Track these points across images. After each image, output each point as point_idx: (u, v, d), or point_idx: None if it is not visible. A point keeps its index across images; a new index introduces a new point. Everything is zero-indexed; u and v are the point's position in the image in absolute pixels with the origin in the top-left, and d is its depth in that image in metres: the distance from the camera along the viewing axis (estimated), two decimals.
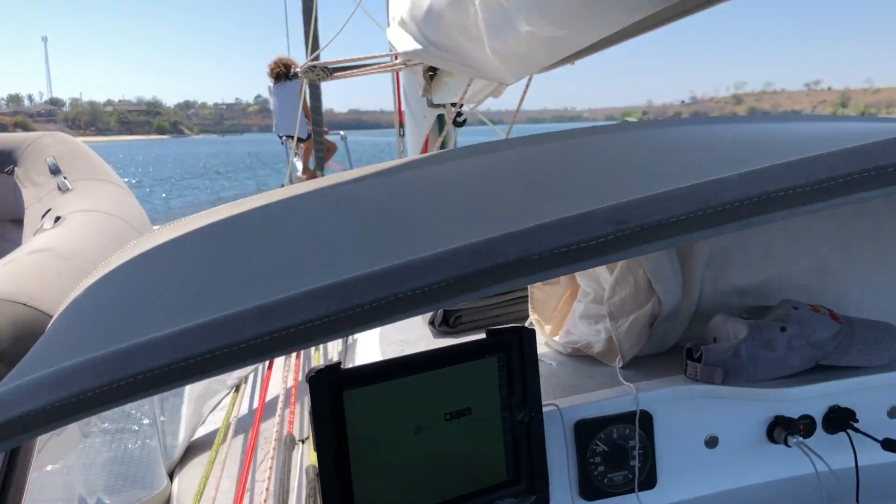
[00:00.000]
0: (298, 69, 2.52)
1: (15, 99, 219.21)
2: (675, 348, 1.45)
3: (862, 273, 1.49)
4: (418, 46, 1.90)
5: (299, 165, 7.28)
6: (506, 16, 1.39)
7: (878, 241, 1.49)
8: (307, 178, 6.60)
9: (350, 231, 0.68)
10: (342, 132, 7.60)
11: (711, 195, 0.44)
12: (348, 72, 2.35)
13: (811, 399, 1.27)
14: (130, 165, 37.60)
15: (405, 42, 2.01)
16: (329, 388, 0.96)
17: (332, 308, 0.42)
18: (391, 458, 1.03)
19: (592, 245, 0.43)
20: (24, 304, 2.21)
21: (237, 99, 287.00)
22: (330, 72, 2.28)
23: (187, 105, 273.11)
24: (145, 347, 0.41)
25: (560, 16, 1.25)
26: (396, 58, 2.47)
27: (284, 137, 7.32)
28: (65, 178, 3.78)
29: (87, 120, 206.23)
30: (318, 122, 5.75)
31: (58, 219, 3.03)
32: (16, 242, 4.31)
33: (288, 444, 1.50)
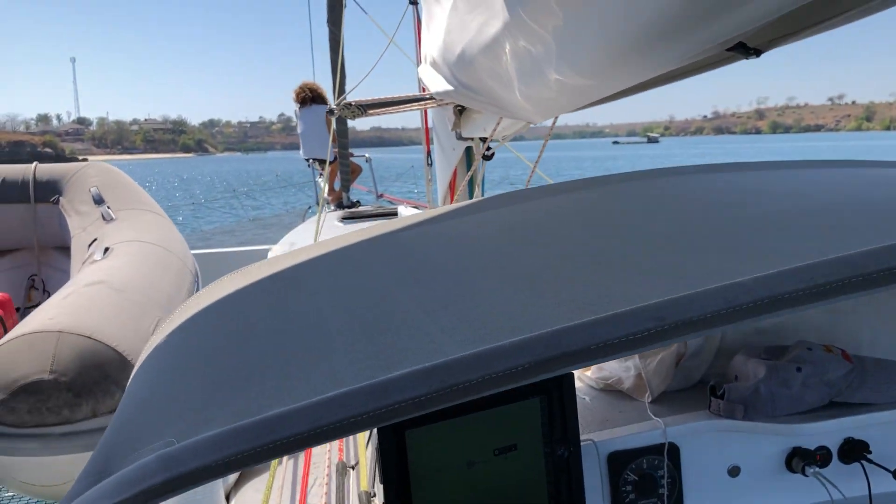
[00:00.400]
0: (334, 106, 2.62)
1: (44, 118, 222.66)
2: (699, 384, 1.54)
3: (873, 315, 1.57)
4: (450, 87, 1.98)
5: (325, 187, 7.38)
6: (535, 65, 1.46)
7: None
8: (332, 200, 6.72)
9: (417, 293, 0.76)
10: (367, 154, 7.71)
11: (731, 297, 0.52)
12: (381, 109, 2.43)
13: (827, 432, 1.35)
14: (160, 188, 37.98)
15: (437, 82, 2.09)
16: (394, 427, 1.05)
17: (435, 387, 0.50)
18: (448, 489, 1.12)
19: (633, 339, 0.51)
20: (88, 337, 2.32)
21: (261, 117, 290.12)
22: (364, 109, 2.37)
23: (212, 123, 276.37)
24: (286, 417, 0.49)
25: (588, 68, 1.32)
26: (424, 90, 2.55)
27: (311, 160, 7.45)
28: (108, 207, 3.91)
29: (114, 138, 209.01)
30: (343, 146, 5.86)
31: (106, 250, 3.15)
32: (62, 269, 4.47)
33: (340, 471, 1.58)
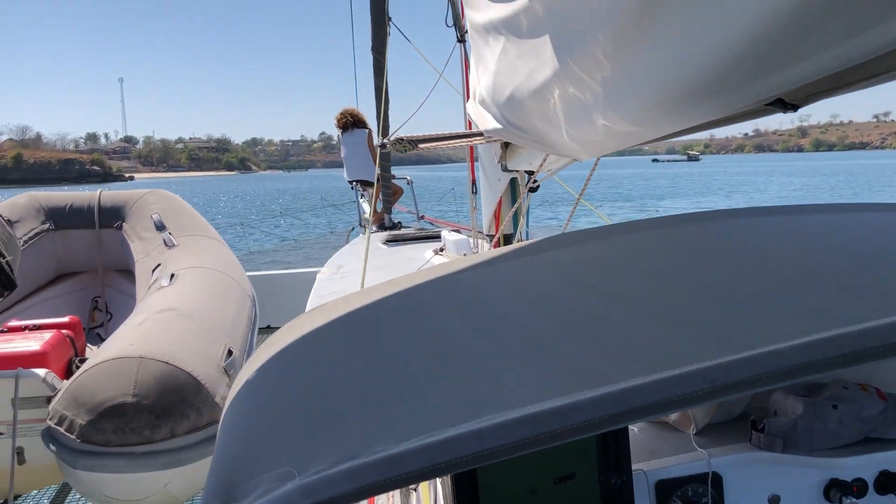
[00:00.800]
0: (386, 140, 2.72)
1: (92, 137, 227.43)
2: (740, 417, 1.62)
3: None
4: (499, 126, 2.06)
5: (366, 208, 7.56)
6: (583, 111, 1.53)
7: None
8: (374, 221, 6.84)
9: (491, 340, 0.83)
10: (408, 177, 7.83)
11: (772, 364, 0.60)
12: (431, 144, 2.53)
13: (863, 465, 1.43)
14: (208, 205, 38.51)
15: (485, 120, 2.17)
16: None
17: (527, 434, 0.58)
18: None
19: (689, 398, 0.59)
20: (166, 363, 2.47)
21: (302, 136, 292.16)
22: (415, 144, 2.46)
23: (254, 142, 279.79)
24: (408, 455, 0.57)
25: (633, 117, 1.38)
26: (470, 125, 2.64)
27: (354, 182, 7.61)
28: (170, 233, 4.08)
29: (159, 157, 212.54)
30: (385, 168, 5.97)
31: (172, 276, 3.29)
32: (123, 292, 4.66)
33: (404, 492, 1.68)
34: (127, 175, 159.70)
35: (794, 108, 1.22)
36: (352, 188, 7.95)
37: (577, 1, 1.25)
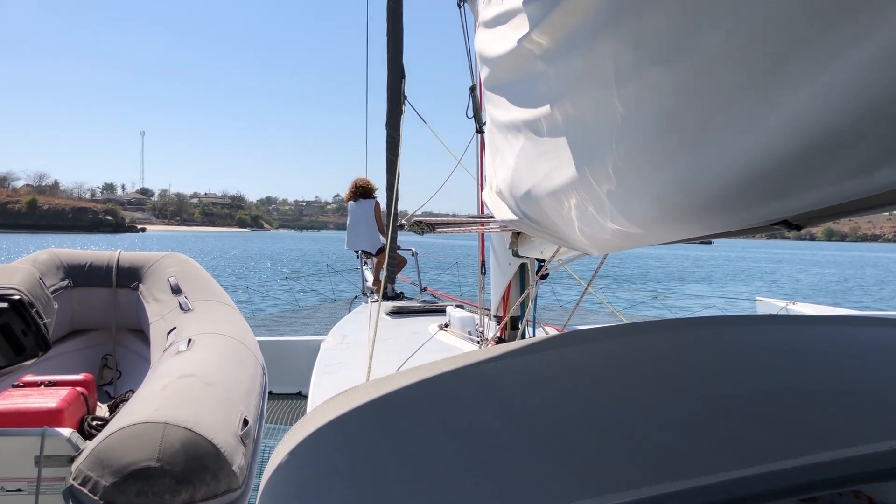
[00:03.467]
0: (405, 222, 2.80)
1: (109, 187, 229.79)
2: None
3: None
4: (514, 217, 2.13)
5: (369, 277, 7.69)
6: (596, 213, 1.58)
7: None
8: (376, 290, 6.96)
9: (520, 438, 0.87)
10: (413, 249, 7.96)
11: (786, 481, 0.66)
12: (447, 228, 2.61)
13: None
14: (218, 263, 38.71)
15: (501, 209, 2.24)
16: None
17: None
18: None
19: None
20: (190, 430, 2.51)
21: (316, 197, 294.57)
22: (433, 227, 2.54)
23: (269, 201, 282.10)
24: None
25: (643, 224, 1.44)
26: (482, 210, 2.70)
27: (359, 251, 7.80)
28: (186, 297, 4.14)
29: (173, 210, 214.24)
30: (393, 239, 6.09)
31: (189, 341, 3.34)
32: (134, 351, 4.70)
33: None
34: (139, 226, 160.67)
35: (799, 227, 1.27)
36: (357, 256, 8.10)
37: (596, 115, 1.31)
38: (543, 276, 2.76)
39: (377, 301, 6.19)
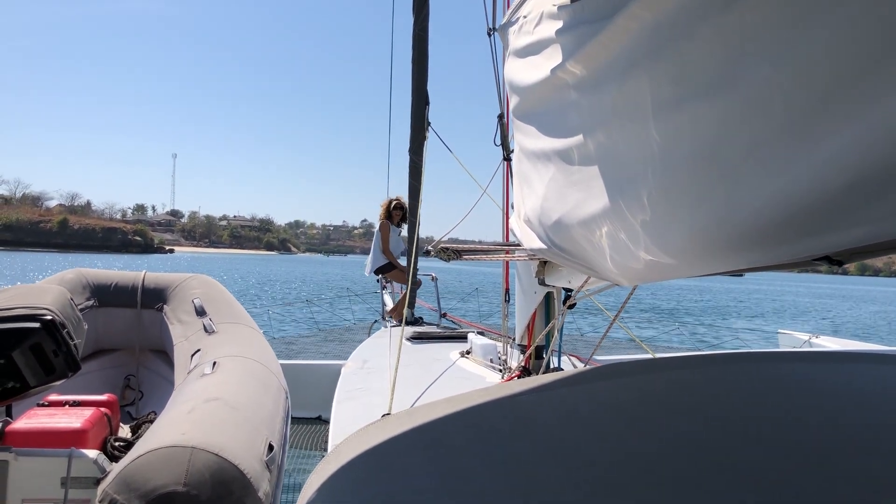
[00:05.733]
0: (430, 247, 2.79)
1: (140, 208, 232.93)
2: None
3: None
4: (542, 246, 2.10)
5: (388, 301, 7.73)
6: (629, 244, 1.57)
7: None
8: (395, 316, 6.99)
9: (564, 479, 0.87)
10: (433, 274, 7.99)
11: None
12: (473, 256, 2.59)
13: None
14: (246, 289, 39.10)
15: (529, 238, 2.22)
16: None
17: None
18: None
19: None
20: (216, 455, 2.51)
21: (344, 221, 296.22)
22: (459, 254, 2.53)
23: (296, 224, 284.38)
24: None
25: (677, 257, 1.42)
26: (507, 237, 2.69)
27: (380, 275, 7.87)
28: (210, 319, 4.15)
29: (202, 232, 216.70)
30: (414, 265, 6.14)
31: (214, 364, 3.34)
32: (157, 372, 4.72)
33: None
34: (167, 248, 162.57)
35: (840, 263, 1.24)
36: (377, 280, 8.14)
37: (630, 146, 1.30)
38: (571, 306, 2.74)
39: (397, 326, 6.18)
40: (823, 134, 0.85)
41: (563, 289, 3.01)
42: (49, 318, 3.10)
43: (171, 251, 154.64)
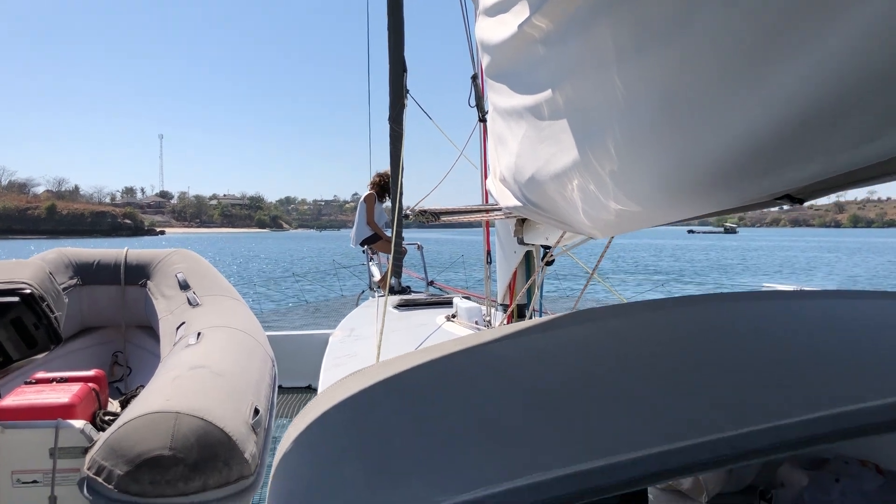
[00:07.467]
0: (409, 211, 2.79)
1: (129, 191, 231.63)
2: (749, 488, 1.71)
3: None
4: (518, 203, 2.11)
5: (376, 272, 7.75)
6: (599, 194, 1.58)
7: None
8: (382, 286, 7.03)
9: (523, 408, 0.90)
10: (418, 243, 8.01)
11: (777, 437, 0.68)
12: (452, 217, 2.60)
13: None
14: (231, 265, 38.98)
15: (505, 197, 2.23)
16: None
17: (574, 489, 0.65)
18: None
19: (701, 464, 0.67)
20: (202, 419, 2.54)
21: (335, 196, 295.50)
22: (437, 216, 2.53)
23: (287, 201, 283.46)
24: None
25: (646, 203, 1.43)
26: (487, 199, 2.71)
27: (366, 246, 7.89)
28: (194, 293, 4.17)
29: (192, 212, 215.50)
30: (399, 234, 6.14)
31: (199, 334, 3.37)
32: (144, 347, 4.74)
33: None
34: (158, 229, 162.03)
35: (801, 201, 1.26)
36: (363, 252, 8.15)
37: (597, 97, 1.31)
38: (549, 263, 2.75)
39: (383, 296, 6.23)
40: (775, 70, 0.87)
41: (542, 246, 3.02)
42: (28, 291, 3.11)
43: (163, 233, 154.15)
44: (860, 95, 0.81)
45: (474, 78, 3.88)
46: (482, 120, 3.83)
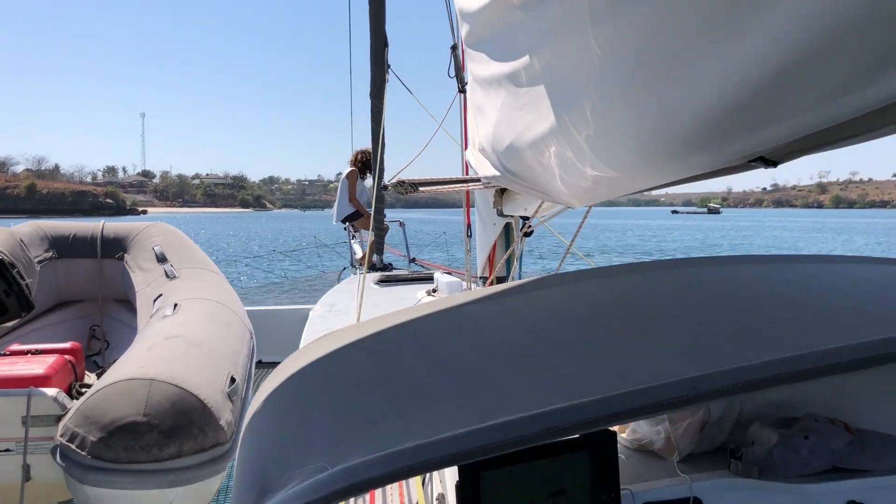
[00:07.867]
0: (388, 183, 2.78)
1: (111, 170, 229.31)
2: (720, 447, 1.77)
3: (873, 393, 1.76)
4: (497, 172, 2.11)
5: (357, 249, 7.73)
6: (576, 159, 1.58)
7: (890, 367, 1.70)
8: (363, 262, 7.03)
9: (490, 359, 0.93)
10: (401, 220, 8.01)
11: (752, 373, 0.70)
12: (431, 188, 2.59)
13: (832, 493, 1.62)
14: (214, 241, 38.75)
15: (484, 166, 2.22)
16: (472, 468, 1.28)
17: (537, 429, 0.67)
18: None
19: (672, 402, 0.69)
20: (176, 386, 2.54)
21: (319, 176, 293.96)
22: (416, 187, 2.52)
23: (271, 180, 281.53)
24: (435, 444, 0.65)
25: (620, 167, 1.43)
26: (467, 171, 2.71)
27: (347, 223, 7.87)
28: (171, 265, 4.14)
29: (175, 192, 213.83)
30: (379, 210, 6.14)
31: (175, 306, 3.35)
32: (121, 321, 4.72)
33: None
34: (140, 209, 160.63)
35: (774, 164, 1.26)
36: (344, 229, 8.13)
37: (571, 62, 1.31)
38: (527, 234, 2.76)
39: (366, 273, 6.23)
40: (748, 26, 0.87)
41: (521, 217, 3.03)
42: None
43: (145, 212, 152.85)
44: (832, 49, 0.81)
45: (454, 48, 3.85)
46: (462, 91, 3.81)
